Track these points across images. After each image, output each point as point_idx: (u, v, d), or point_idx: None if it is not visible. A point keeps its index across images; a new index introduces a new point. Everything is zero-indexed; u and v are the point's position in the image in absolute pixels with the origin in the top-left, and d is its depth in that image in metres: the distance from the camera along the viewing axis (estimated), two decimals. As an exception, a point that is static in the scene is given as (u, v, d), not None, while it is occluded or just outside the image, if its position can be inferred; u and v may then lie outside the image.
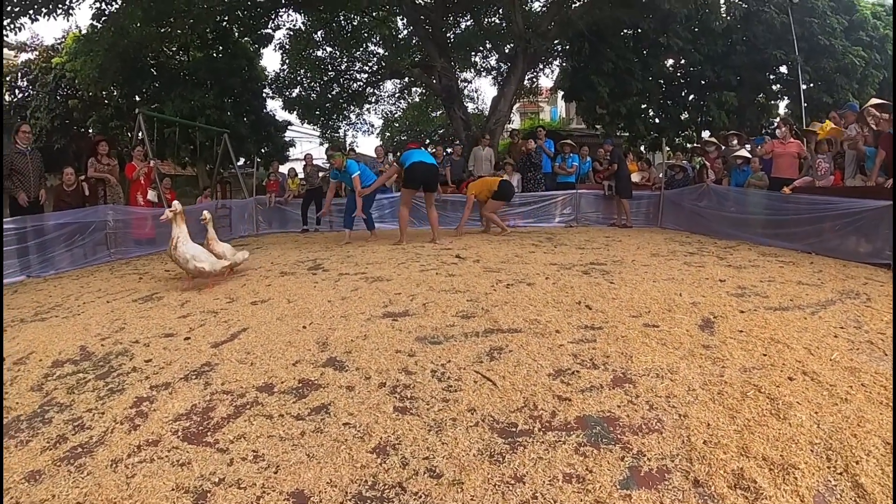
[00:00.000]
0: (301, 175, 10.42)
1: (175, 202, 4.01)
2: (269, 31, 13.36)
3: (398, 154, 8.38)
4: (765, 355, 2.12)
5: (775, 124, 11.43)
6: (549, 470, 1.39)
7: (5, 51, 12.18)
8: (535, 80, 15.29)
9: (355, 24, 13.87)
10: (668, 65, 12.68)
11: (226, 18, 11.72)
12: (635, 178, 9.32)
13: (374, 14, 12.74)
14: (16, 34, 8.81)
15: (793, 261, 4.44)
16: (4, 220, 5.46)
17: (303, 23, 13.92)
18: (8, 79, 14.83)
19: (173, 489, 1.37)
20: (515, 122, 22.03)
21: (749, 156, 7.22)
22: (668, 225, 7.99)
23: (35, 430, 1.78)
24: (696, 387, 1.84)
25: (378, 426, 1.63)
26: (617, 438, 1.54)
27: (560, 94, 15.01)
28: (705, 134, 12.15)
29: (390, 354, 2.25)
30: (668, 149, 12.48)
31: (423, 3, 12.42)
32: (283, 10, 12.63)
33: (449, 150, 10.52)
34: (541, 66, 14.44)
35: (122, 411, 1.86)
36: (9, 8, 7.90)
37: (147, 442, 1.63)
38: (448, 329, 2.58)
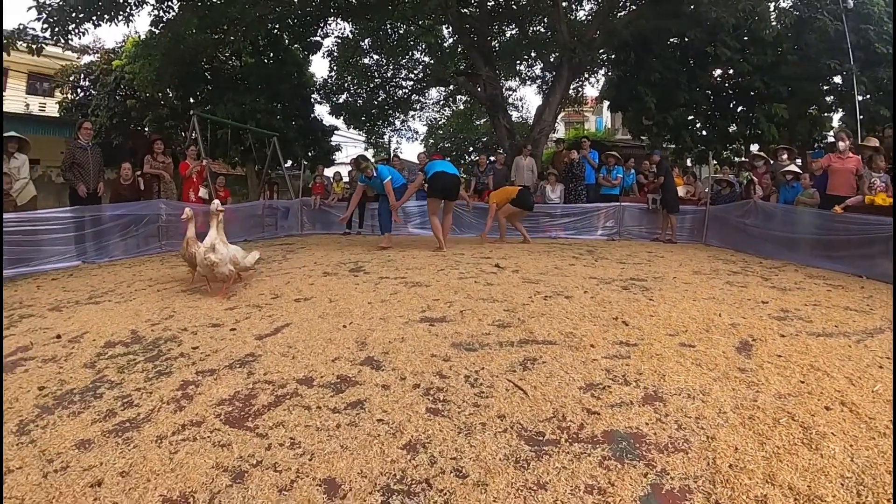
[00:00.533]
0: (346, 178, 10.71)
1: (216, 201, 4.01)
2: (318, 38, 13.81)
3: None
4: (802, 382, 2.06)
5: (831, 137, 10.87)
6: (571, 480, 1.40)
7: (69, 53, 12.98)
8: (580, 89, 15.19)
9: (402, 32, 14.17)
10: (715, 75, 12.23)
11: (277, 26, 12.19)
12: (681, 191, 9.11)
13: (420, 23, 12.96)
14: (79, 38, 9.46)
15: (842, 284, 4.25)
16: (64, 209, 5.89)
17: (350, 31, 14.34)
18: (71, 79, 15.84)
19: (213, 467, 1.45)
20: (560, 132, 21.90)
21: (799, 171, 6.96)
22: (713, 242, 7.78)
23: (86, 403, 1.92)
24: (727, 410, 1.81)
25: (410, 424, 1.68)
26: (642, 455, 1.53)
27: (606, 103, 14.81)
28: (754, 148, 11.67)
29: (426, 358, 2.31)
30: (714, 162, 12.08)
31: (468, 13, 12.53)
32: (332, 18, 13.03)
33: (492, 159, 10.62)
34: (586, 76, 14.32)
35: (168, 392, 1.99)
36: (73, 14, 8.47)
37: (191, 422, 1.74)
38: (484, 337, 2.62)
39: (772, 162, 7.75)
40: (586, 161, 9.64)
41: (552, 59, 13.21)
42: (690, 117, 11.95)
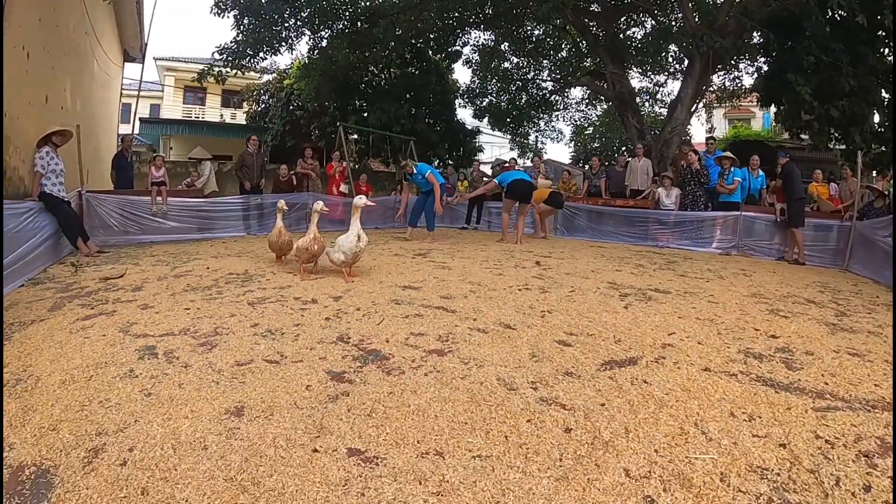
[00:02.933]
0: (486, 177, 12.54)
1: (362, 197, 4.74)
2: (458, 48, 16.00)
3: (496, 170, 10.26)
4: (602, 404, 2.06)
5: None
6: (322, 353, 2.59)
7: (252, 73, 17.56)
8: (737, 81, 14.58)
9: (539, 33, 15.49)
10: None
11: (420, 41, 14.60)
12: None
13: (555, 22, 14.07)
14: (257, 64, 13.09)
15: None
16: (235, 197, 8.80)
17: (485, 39, 16.23)
18: (254, 94, 21.22)
19: (229, 314, 3.28)
20: (719, 131, 20.60)
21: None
22: (856, 268, 6.77)
23: (203, 292, 3.92)
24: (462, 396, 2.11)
25: (286, 318, 3.18)
26: (366, 355, 2.53)
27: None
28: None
29: (367, 301, 3.60)
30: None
31: (594, 10, 13.24)
32: (469, 28, 15.03)
33: (610, 163, 11.29)
34: (728, 67, 13.68)
35: (239, 292, 3.91)
36: (246, 50, 11.97)
37: (236, 302, 3.60)
38: (421, 300, 3.63)
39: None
40: (713, 163, 9.53)
41: (684, 47, 13.01)
42: (865, 108, 10.53)
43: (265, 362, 2.41)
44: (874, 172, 11.25)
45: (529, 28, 15.29)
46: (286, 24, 12.14)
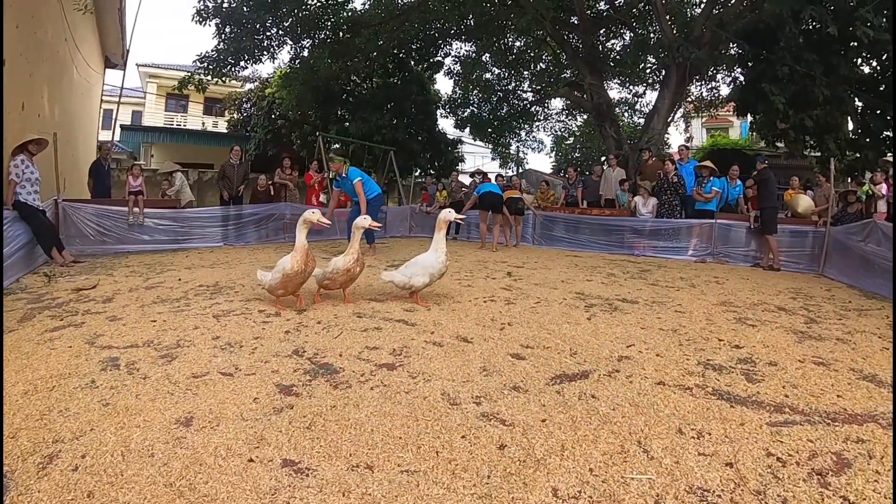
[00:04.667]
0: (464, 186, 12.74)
1: (450, 210, 4.38)
2: (440, 58, 16.23)
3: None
4: (544, 420, 2.04)
5: None
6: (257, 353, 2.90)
7: (234, 82, 17.68)
8: (715, 91, 14.95)
9: (520, 44, 15.79)
10: (867, 64, 10.77)
11: (402, 52, 14.81)
12: (804, 203, 8.57)
13: (536, 34, 14.36)
14: (239, 72, 13.20)
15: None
16: (213, 207, 8.84)
17: (467, 50, 16.56)
18: (236, 102, 21.31)
19: (193, 326, 3.35)
20: (697, 140, 21.02)
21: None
22: (831, 273, 6.93)
23: (172, 304, 4.00)
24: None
25: (248, 331, 3.27)
26: (319, 370, 2.58)
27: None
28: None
29: (329, 314, 3.67)
30: (869, 174, 10.95)
31: (574, 22, 13.54)
32: (451, 39, 15.31)
33: (588, 172, 11.54)
34: (706, 77, 14.03)
35: (205, 304, 3.98)
36: (227, 59, 12.08)
37: (201, 314, 3.67)
38: (382, 314, 3.69)
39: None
40: (686, 172, 9.73)
41: (661, 58, 13.30)
42: (837, 118, 10.77)
43: (220, 374, 2.50)
44: (849, 179, 11.57)
45: (510, 39, 15.58)
46: (268, 33, 12.27)
